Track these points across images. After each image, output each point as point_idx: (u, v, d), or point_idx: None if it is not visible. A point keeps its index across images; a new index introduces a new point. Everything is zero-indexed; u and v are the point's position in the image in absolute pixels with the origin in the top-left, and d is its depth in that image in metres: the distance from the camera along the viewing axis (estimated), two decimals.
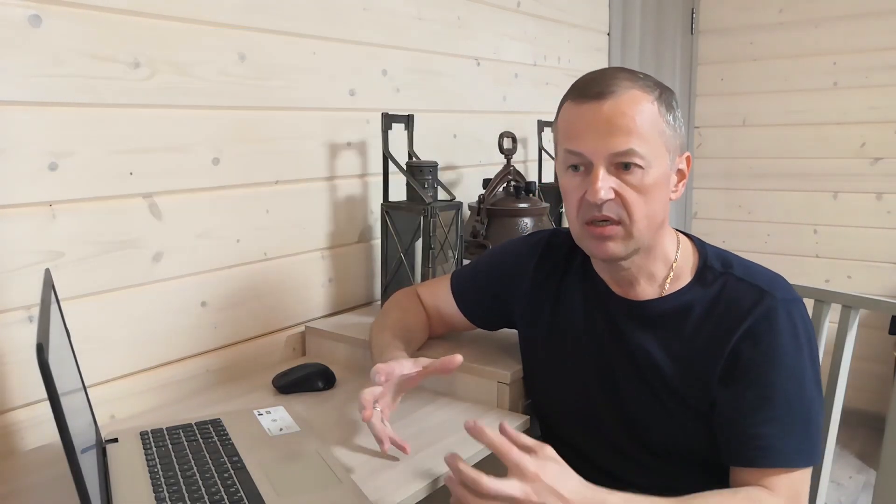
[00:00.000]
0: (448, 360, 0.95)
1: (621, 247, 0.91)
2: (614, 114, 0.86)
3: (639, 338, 0.97)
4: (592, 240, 0.92)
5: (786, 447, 0.87)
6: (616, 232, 0.90)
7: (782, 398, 0.88)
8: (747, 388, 0.89)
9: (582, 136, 0.88)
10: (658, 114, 0.89)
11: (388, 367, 0.94)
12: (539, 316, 1.07)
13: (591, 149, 0.88)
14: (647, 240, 0.92)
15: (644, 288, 0.97)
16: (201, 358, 1.24)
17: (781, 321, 0.89)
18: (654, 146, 0.88)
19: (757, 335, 0.89)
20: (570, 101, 0.91)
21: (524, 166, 2.05)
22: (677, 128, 0.92)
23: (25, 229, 0.99)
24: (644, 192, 0.88)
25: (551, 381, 1.07)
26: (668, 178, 0.92)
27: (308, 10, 1.35)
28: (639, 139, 0.87)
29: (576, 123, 0.89)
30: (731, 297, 0.92)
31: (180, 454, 0.90)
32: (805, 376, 0.89)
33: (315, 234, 1.42)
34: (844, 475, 2.42)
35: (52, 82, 1.00)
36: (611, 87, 0.87)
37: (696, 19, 2.89)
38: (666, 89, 0.92)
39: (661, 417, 0.96)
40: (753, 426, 0.88)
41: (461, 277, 1.18)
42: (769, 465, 0.87)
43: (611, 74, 0.89)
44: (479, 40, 1.81)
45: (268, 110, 1.30)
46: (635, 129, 0.86)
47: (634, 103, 0.87)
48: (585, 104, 0.88)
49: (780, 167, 2.82)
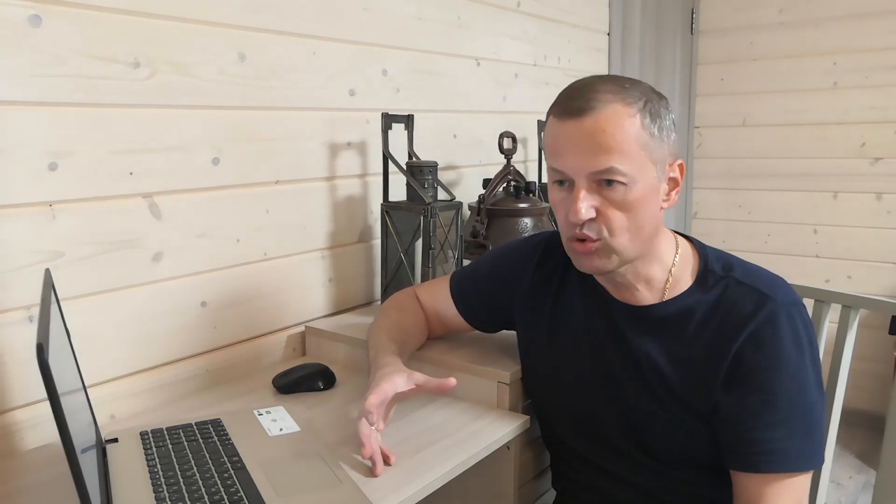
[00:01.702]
0: (443, 382, 0.95)
1: (605, 262, 0.91)
2: (594, 131, 0.85)
3: (640, 341, 0.96)
4: (576, 255, 0.93)
5: (789, 451, 0.87)
6: (596, 248, 0.90)
7: (785, 402, 0.88)
8: (750, 393, 0.89)
9: (563, 154, 0.88)
10: (641, 127, 0.86)
11: (381, 396, 0.92)
12: (539, 318, 1.07)
13: (571, 167, 0.88)
14: (633, 252, 0.91)
15: (643, 293, 0.97)
16: (201, 358, 1.24)
17: (783, 325, 0.89)
18: (637, 161, 0.87)
19: (759, 340, 0.89)
20: (553, 117, 0.91)
21: (524, 166, 2.05)
22: (664, 138, 0.89)
23: (25, 229, 0.99)
24: (627, 209, 0.88)
25: (551, 382, 1.06)
26: (655, 189, 0.90)
27: (308, 10, 1.35)
28: (620, 156, 0.85)
29: (557, 140, 0.89)
30: (732, 302, 0.92)
31: (180, 454, 0.90)
32: (807, 380, 0.89)
33: (315, 234, 1.42)
34: (844, 475, 2.42)
35: (52, 82, 1.00)
36: (590, 103, 0.86)
37: (696, 19, 2.89)
38: (654, 97, 0.89)
39: (661, 420, 0.95)
40: (756, 430, 0.88)
41: (460, 280, 1.18)
42: (773, 470, 0.87)
43: (592, 88, 0.87)
44: (479, 40, 1.81)
45: (268, 110, 1.30)
46: (615, 145, 0.85)
47: (615, 118, 0.85)
48: (567, 121, 0.87)
49: (780, 167, 2.82)
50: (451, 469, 0.91)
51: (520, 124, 1.98)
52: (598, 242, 0.90)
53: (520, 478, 1.11)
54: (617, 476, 1.03)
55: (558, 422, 1.08)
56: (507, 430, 1.03)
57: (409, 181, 1.39)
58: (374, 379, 0.96)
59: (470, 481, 1.12)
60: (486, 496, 1.12)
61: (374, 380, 0.96)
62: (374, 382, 0.95)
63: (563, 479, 1.13)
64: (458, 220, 1.41)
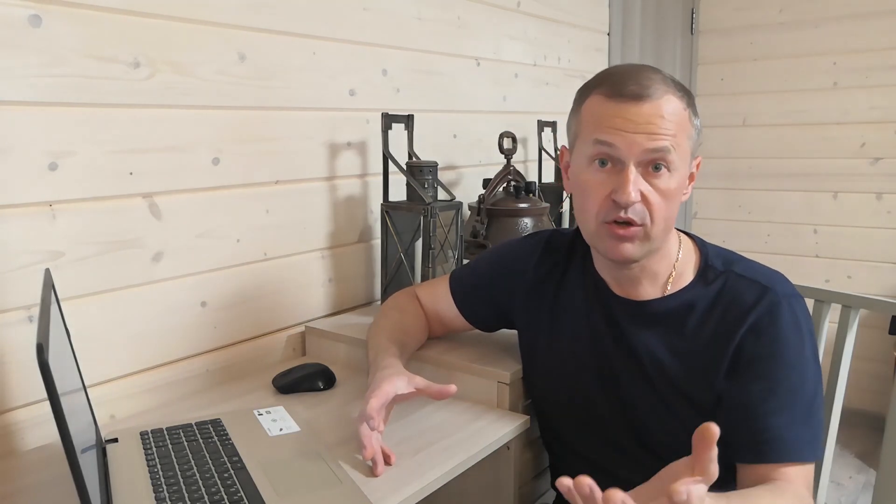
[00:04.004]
0: (444, 389, 0.95)
1: (638, 249, 0.91)
2: (653, 115, 0.86)
3: (641, 336, 0.97)
4: (611, 239, 0.91)
5: (792, 439, 0.88)
6: (637, 234, 0.90)
7: (786, 389, 0.89)
8: (752, 381, 0.90)
9: (618, 131, 0.87)
10: (689, 119, 0.90)
11: (381, 400, 0.92)
12: (539, 316, 1.07)
13: (626, 143, 0.87)
14: (659, 242, 0.92)
15: (646, 288, 0.97)
16: (201, 358, 1.24)
17: (784, 315, 0.90)
18: (682, 150, 0.89)
19: (760, 329, 0.90)
20: (601, 95, 0.90)
21: (524, 166, 2.05)
22: (698, 132, 0.93)
23: (25, 229, 0.99)
24: (667, 196, 0.89)
25: (551, 380, 1.06)
26: (686, 181, 0.93)
27: (308, 10, 1.35)
28: (673, 141, 0.87)
29: (611, 117, 0.88)
30: (733, 294, 0.93)
31: (180, 454, 0.90)
32: (807, 369, 0.90)
33: (315, 234, 1.42)
34: (844, 475, 2.42)
35: (52, 82, 1.00)
36: (648, 89, 0.87)
37: (696, 19, 2.89)
38: (688, 91, 0.92)
39: (663, 416, 0.96)
40: (760, 418, 0.89)
41: (460, 279, 1.18)
42: (777, 460, 0.87)
43: (646, 75, 0.89)
44: (479, 40, 1.81)
45: (268, 110, 1.30)
46: (672, 131, 0.87)
47: (671, 107, 0.87)
48: (623, 102, 0.87)
49: (780, 167, 2.82)
50: (451, 469, 0.91)
51: (520, 124, 1.98)
52: (640, 228, 0.90)
53: (520, 478, 1.11)
54: (616, 475, 1.02)
55: (559, 419, 1.08)
56: (507, 430, 1.03)
57: (409, 181, 1.39)
58: (375, 380, 0.96)
59: (470, 481, 1.12)
60: (486, 496, 1.12)
61: (374, 381, 0.96)
62: (375, 384, 0.95)
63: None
64: (458, 220, 1.41)
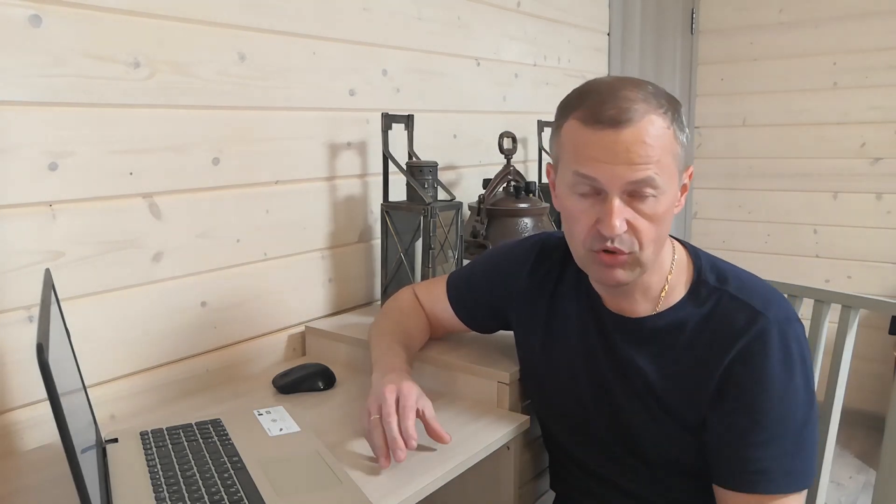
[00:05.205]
0: (442, 435, 0.94)
1: (629, 274, 0.88)
2: (633, 142, 0.82)
3: (630, 352, 0.95)
4: (600, 266, 0.89)
5: (777, 471, 0.86)
6: (626, 261, 0.87)
7: (772, 422, 0.86)
8: (736, 411, 0.88)
9: (597, 162, 0.83)
10: (673, 138, 0.85)
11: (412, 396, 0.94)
12: (534, 320, 1.07)
13: (607, 176, 0.83)
14: (652, 262, 0.90)
15: (639, 302, 0.95)
16: (201, 358, 1.24)
17: (773, 343, 0.87)
18: (669, 171, 0.85)
19: (747, 357, 0.87)
20: (579, 122, 0.85)
21: (524, 166, 2.05)
22: (686, 145, 0.88)
23: (25, 229, 0.99)
24: (656, 220, 0.86)
25: (546, 384, 1.06)
26: (676, 198, 0.89)
27: (308, 10, 1.35)
28: (657, 167, 0.83)
29: (590, 148, 0.84)
30: (724, 316, 0.90)
31: (180, 454, 0.90)
32: (796, 399, 0.87)
33: (315, 234, 1.42)
34: (844, 475, 2.42)
35: (52, 82, 1.00)
36: (627, 113, 0.82)
37: (696, 19, 2.89)
38: (674, 103, 0.87)
39: (651, 429, 0.95)
40: (743, 449, 0.87)
41: (456, 282, 1.17)
42: (761, 491, 0.86)
43: (622, 95, 0.83)
44: (479, 40, 1.81)
45: (268, 110, 1.30)
46: (655, 156, 0.82)
47: (653, 130, 0.82)
48: (601, 130, 0.83)
49: (780, 167, 2.82)
50: (451, 469, 0.91)
51: (520, 124, 1.98)
52: (628, 256, 0.87)
53: (520, 478, 1.11)
54: (611, 481, 1.02)
55: (554, 424, 1.08)
56: (506, 430, 1.03)
57: (409, 181, 1.39)
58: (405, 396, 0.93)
59: (470, 481, 1.12)
60: (486, 496, 1.12)
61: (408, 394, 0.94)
62: (408, 405, 0.92)
63: (561, 481, 1.13)
64: (458, 220, 1.41)
